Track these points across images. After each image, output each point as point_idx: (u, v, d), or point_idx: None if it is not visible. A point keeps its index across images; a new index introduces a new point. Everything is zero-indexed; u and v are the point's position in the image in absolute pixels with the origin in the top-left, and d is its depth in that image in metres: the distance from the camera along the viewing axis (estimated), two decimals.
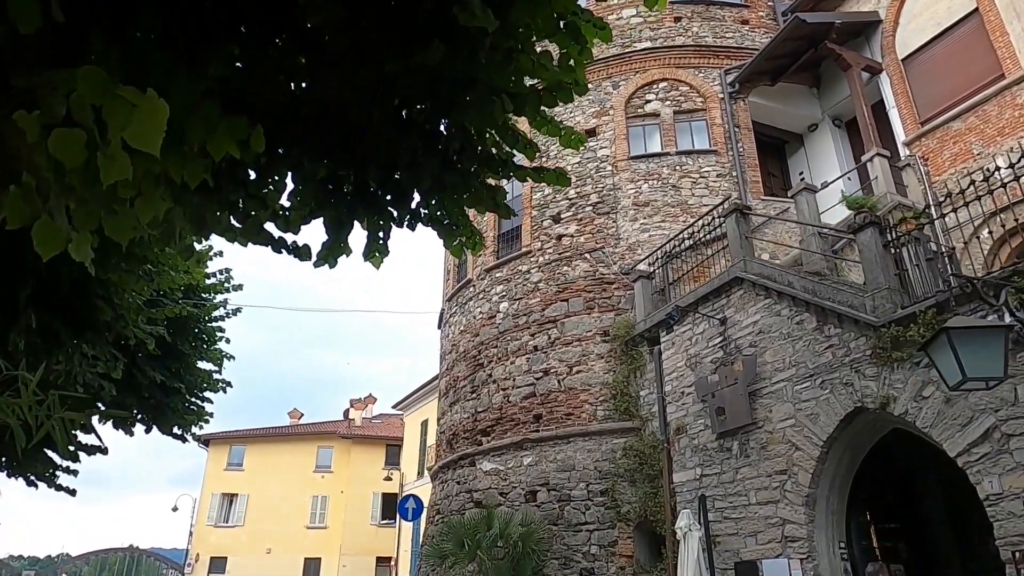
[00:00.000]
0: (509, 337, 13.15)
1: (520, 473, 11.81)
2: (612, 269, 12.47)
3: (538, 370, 12.37)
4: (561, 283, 12.79)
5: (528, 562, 10.29)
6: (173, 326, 9.21)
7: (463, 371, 14.14)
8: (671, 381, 10.37)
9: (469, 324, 14.40)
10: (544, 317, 12.73)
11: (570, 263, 12.87)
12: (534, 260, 13.41)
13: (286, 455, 40.24)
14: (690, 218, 12.34)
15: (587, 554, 10.39)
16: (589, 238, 12.90)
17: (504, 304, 13.57)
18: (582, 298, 12.44)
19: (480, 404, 13.23)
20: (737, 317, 9.24)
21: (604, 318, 12.13)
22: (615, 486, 10.69)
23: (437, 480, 14.38)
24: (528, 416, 12.18)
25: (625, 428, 11.09)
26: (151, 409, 9.84)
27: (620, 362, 11.63)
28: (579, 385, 11.80)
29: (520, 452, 11.98)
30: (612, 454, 11.00)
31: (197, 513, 38.69)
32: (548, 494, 11.24)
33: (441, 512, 13.35)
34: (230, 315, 10.72)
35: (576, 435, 11.41)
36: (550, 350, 12.37)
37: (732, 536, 8.61)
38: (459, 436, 13.71)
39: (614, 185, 13.15)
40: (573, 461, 11.26)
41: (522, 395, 12.42)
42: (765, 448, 8.34)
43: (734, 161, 12.92)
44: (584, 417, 11.54)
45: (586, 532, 10.57)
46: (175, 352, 9.86)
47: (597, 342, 11.99)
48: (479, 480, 12.49)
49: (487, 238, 14.67)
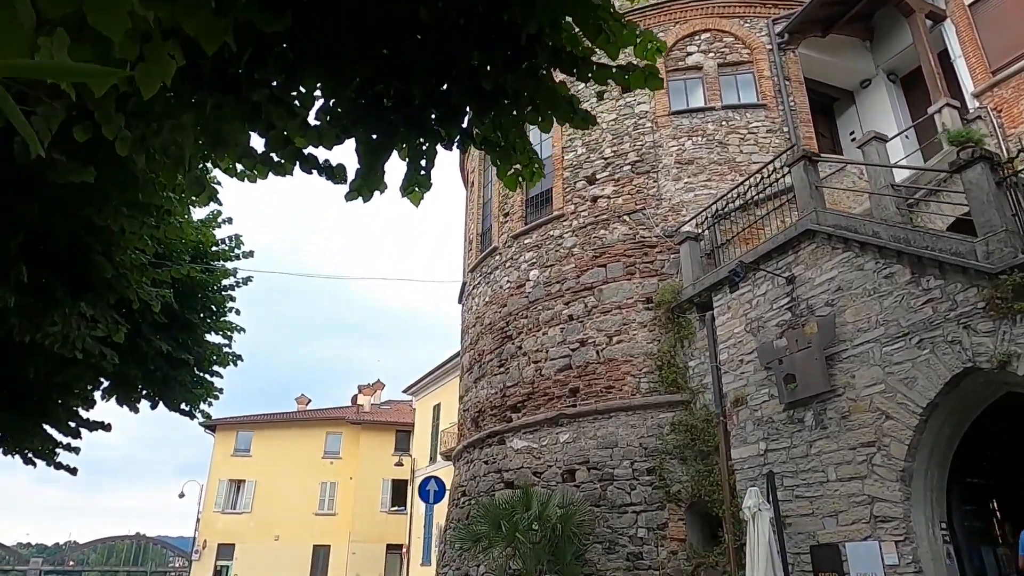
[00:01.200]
0: (540, 306, 12.22)
1: (556, 451, 10.90)
2: (654, 232, 11.51)
3: (574, 341, 11.44)
4: (598, 248, 11.83)
5: (568, 546, 9.41)
6: (180, 294, 8.39)
7: (489, 344, 13.22)
8: (727, 349, 9.42)
9: (495, 294, 13.46)
10: (579, 284, 11.78)
11: (607, 226, 11.90)
12: (567, 224, 12.45)
13: (294, 441, 39.50)
14: (738, 176, 11.37)
15: (634, 538, 9.50)
16: (628, 199, 11.92)
17: (534, 272, 12.63)
18: (621, 263, 11.49)
19: (509, 378, 12.31)
20: (808, 275, 8.28)
21: (646, 284, 11.18)
22: (663, 464, 9.78)
23: (462, 460, 13.50)
24: (563, 390, 11.26)
25: (672, 401, 10.16)
26: (157, 383, 9.01)
27: (665, 331, 10.69)
28: (620, 356, 10.87)
29: (555, 428, 11.07)
30: (659, 429, 10.08)
31: (204, 499, 38.03)
32: (588, 473, 10.34)
33: (468, 494, 12.48)
34: (240, 284, 9.83)
35: (618, 409, 10.49)
36: (587, 319, 11.43)
37: (806, 517, 7.69)
38: (486, 413, 12.81)
39: (654, 143, 12.16)
40: (615, 437, 10.35)
41: (556, 368, 11.50)
42: (847, 418, 7.40)
43: (785, 116, 11.91)
44: (626, 390, 10.62)
45: (632, 514, 9.67)
46: (182, 321, 9.04)
47: (639, 310, 11.04)
48: (510, 459, 11.60)
49: (514, 202, 13.73)
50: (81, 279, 6.57)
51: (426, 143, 3.74)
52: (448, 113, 3.58)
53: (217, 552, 36.79)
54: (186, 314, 9.07)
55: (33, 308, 6.07)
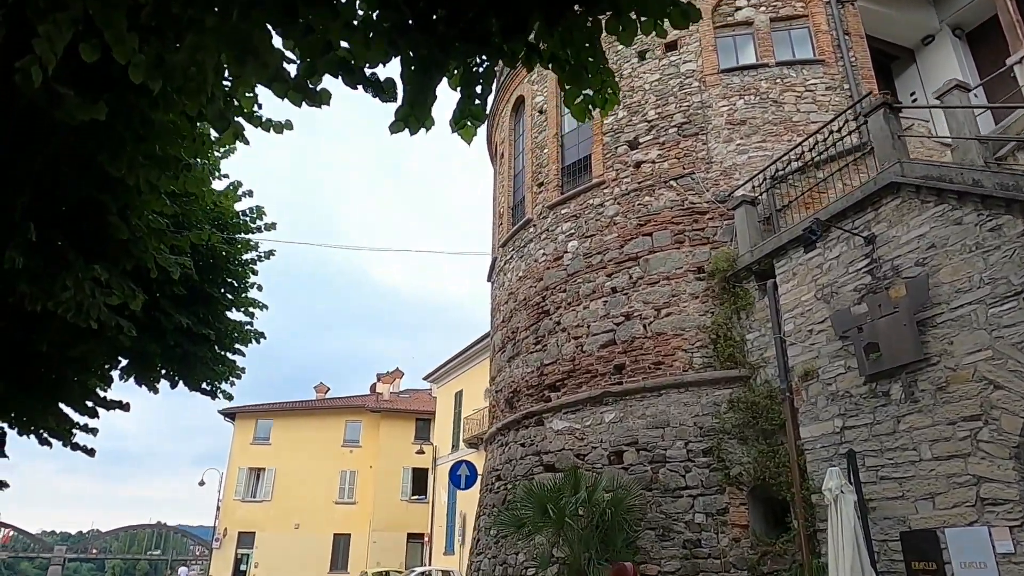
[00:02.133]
0: (580, 279, 11.46)
1: (601, 431, 10.17)
2: (704, 197, 10.69)
3: (618, 314, 10.67)
4: (642, 215, 11.04)
5: (618, 532, 8.69)
6: (200, 267, 7.79)
7: (524, 321, 12.49)
8: (792, 319, 8.62)
9: (530, 268, 12.72)
10: (623, 255, 11.00)
11: (652, 192, 11.10)
12: (608, 192, 11.66)
13: (313, 429, 39.17)
14: (796, 137, 10.51)
15: (690, 523, 8.75)
16: (675, 163, 11.11)
17: (573, 243, 11.86)
18: (669, 231, 10.69)
19: (547, 356, 11.58)
20: (892, 233, 7.44)
21: (697, 252, 10.38)
22: (721, 444, 9.01)
23: (495, 443, 12.81)
24: (608, 367, 10.51)
25: (729, 377, 9.38)
26: (177, 360, 8.39)
27: (719, 302, 9.89)
28: (670, 330, 10.09)
29: (600, 408, 10.34)
30: (715, 407, 9.31)
31: (224, 488, 37.83)
32: (637, 455, 9.59)
33: (503, 478, 11.79)
34: (262, 258, 9.16)
35: (669, 387, 9.73)
36: (632, 291, 10.66)
37: (895, 500, 6.90)
38: (521, 393, 12.10)
39: (702, 103, 11.32)
40: (666, 416, 9.59)
41: (599, 343, 10.75)
42: (944, 389, 6.59)
43: (845, 72, 11.01)
44: (677, 366, 9.85)
45: (688, 498, 8.92)
46: (203, 296, 8.42)
47: (690, 280, 10.25)
48: (549, 441, 10.89)
49: (549, 170, 12.96)
50: (94, 243, 6.01)
51: (484, 63, 3.12)
52: (511, 23, 2.94)
53: (238, 540, 36.59)
54: (206, 288, 8.51)
55: (43, 272, 5.55)
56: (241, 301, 9.01)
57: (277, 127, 5.31)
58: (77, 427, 8.54)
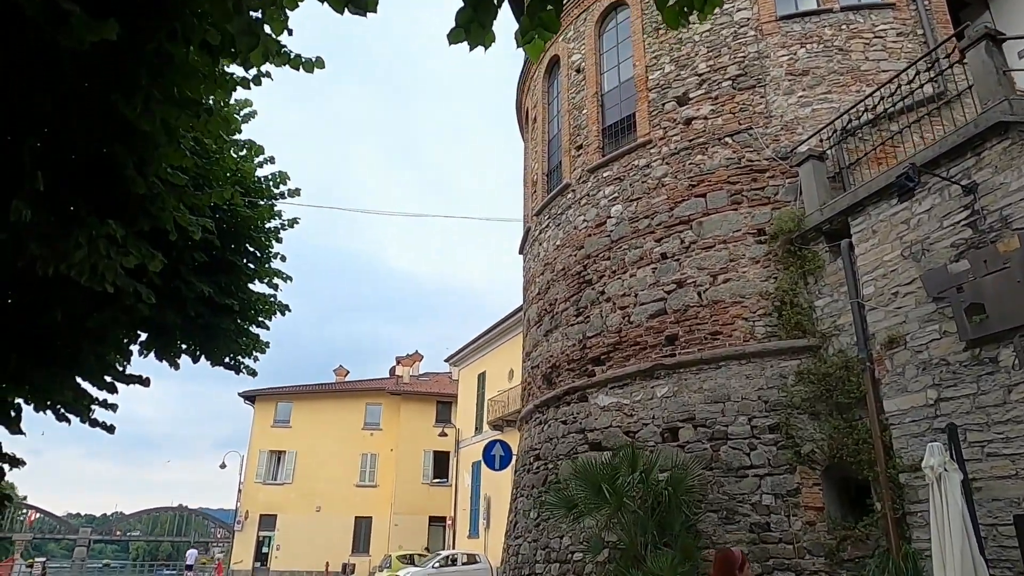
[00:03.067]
0: (626, 245, 10.66)
1: (652, 407, 9.42)
2: (764, 154, 9.82)
3: (669, 282, 9.88)
4: (694, 175, 10.20)
5: (677, 515, 7.97)
6: (222, 233, 7.16)
7: (563, 292, 11.74)
8: (873, 281, 7.79)
9: (569, 236, 11.94)
10: (673, 218, 10.19)
11: (705, 151, 10.25)
12: (655, 151, 10.83)
13: (334, 412, 38.86)
14: (865, 87, 9.62)
15: (757, 505, 8.01)
16: (730, 119, 10.24)
17: (616, 207, 11.06)
18: (724, 191, 9.85)
19: (590, 328, 10.83)
20: (998, 180, 6.57)
21: (757, 214, 9.54)
22: (789, 420, 8.23)
23: (532, 422, 12.12)
24: (658, 338, 9.74)
25: (797, 347, 8.58)
26: (198, 332, 7.77)
27: (783, 266, 9.07)
28: (728, 297, 9.29)
29: (650, 381, 9.58)
30: (781, 380, 8.52)
31: (245, 470, 37.68)
32: (695, 431, 8.84)
33: (543, 458, 11.10)
34: (286, 226, 8.48)
35: (728, 358, 8.95)
36: (684, 257, 9.86)
37: (1006, 480, 6.10)
38: (560, 368, 11.38)
39: (759, 53, 10.41)
40: (726, 390, 8.82)
41: (648, 313, 9.97)
42: None
43: (919, 16, 10.05)
44: (737, 336, 9.06)
45: (754, 478, 8.17)
46: (224, 264, 7.79)
47: (749, 243, 9.43)
48: (594, 417, 10.16)
49: (589, 132, 12.13)
50: (108, 198, 5.34)
51: None
52: None
53: (259, 523, 36.47)
54: (228, 256, 7.86)
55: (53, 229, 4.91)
56: (265, 271, 8.38)
57: (307, 65, 4.59)
58: (96, 402, 7.95)
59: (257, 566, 36.01)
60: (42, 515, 67.89)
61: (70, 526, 73.22)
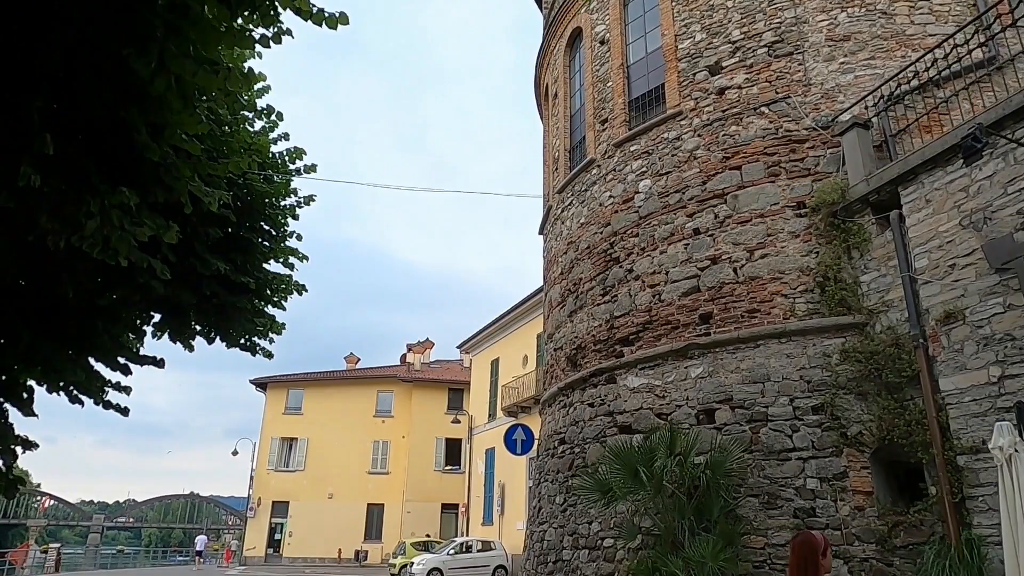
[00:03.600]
0: (656, 221, 10.24)
1: (686, 388, 9.04)
2: (803, 123, 9.36)
3: (702, 258, 9.46)
4: (728, 147, 9.75)
5: (715, 500, 7.61)
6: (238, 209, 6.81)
7: (588, 271, 11.34)
8: (927, 253, 7.35)
9: (594, 213, 11.52)
10: (706, 192, 9.76)
11: (740, 121, 9.79)
12: (686, 123, 10.37)
13: (345, 400, 38.71)
14: (911, 52, 9.14)
15: (801, 490, 7.62)
16: (765, 87, 9.76)
17: (645, 182, 10.63)
18: (761, 163, 9.40)
19: (617, 307, 10.44)
20: None
21: (796, 186, 9.09)
22: (835, 400, 7.83)
23: (556, 405, 11.76)
24: (691, 317, 9.34)
25: (841, 325, 8.16)
26: (214, 312, 7.38)
27: (825, 240, 8.63)
28: (765, 273, 8.87)
29: (684, 362, 9.19)
30: (824, 359, 8.11)
31: (257, 457, 37.64)
32: (732, 413, 8.46)
33: (568, 441, 10.75)
34: (302, 203, 8.10)
35: (767, 336, 8.54)
36: (718, 232, 9.43)
37: None
38: (587, 349, 11.00)
39: (796, 18, 9.91)
40: (766, 370, 8.42)
41: (680, 291, 9.56)
42: None
43: None
44: (776, 313, 8.65)
45: (797, 461, 7.78)
46: (240, 242, 7.40)
47: (788, 217, 8.99)
48: (623, 399, 9.79)
49: (615, 105, 11.68)
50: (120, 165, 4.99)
51: None
52: None
53: (272, 510, 36.45)
54: (244, 233, 7.50)
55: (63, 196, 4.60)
56: (281, 249, 8.04)
57: (331, 21, 4.22)
58: (109, 385, 7.67)
59: (270, 552, 36.03)
60: (56, 502, 68.45)
61: (83, 513, 73.84)
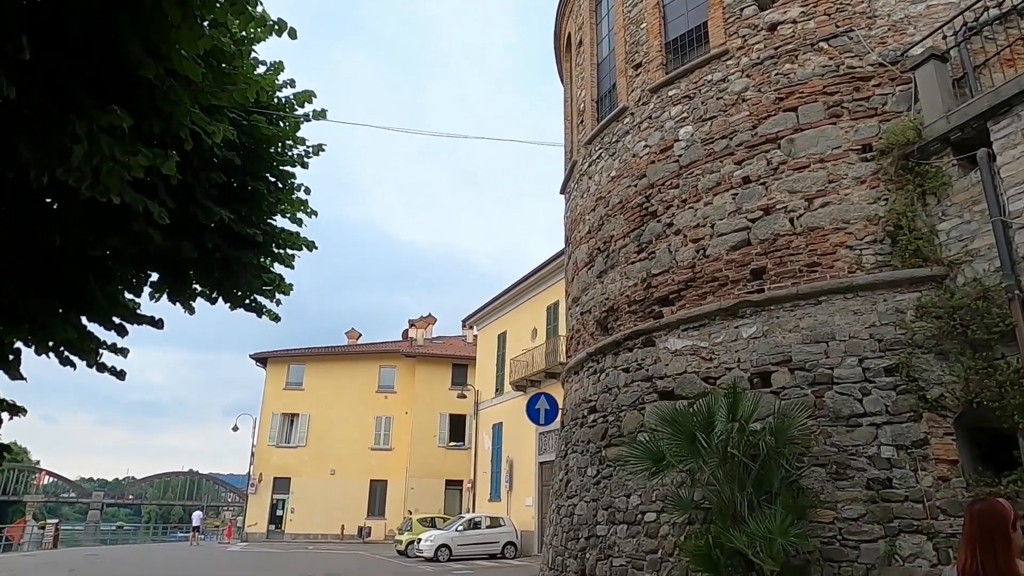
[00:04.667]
0: (698, 171, 9.38)
1: (737, 349, 8.25)
2: (868, 59, 8.46)
3: (754, 208, 8.63)
4: (783, 87, 8.85)
5: (775, 470, 6.85)
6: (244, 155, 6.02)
7: (620, 227, 10.49)
8: (1022, 196, 6.52)
9: (627, 165, 10.65)
10: (757, 136, 8.88)
11: (795, 59, 8.89)
12: (733, 63, 9.46)
13: (347, 375, 38.05)
14: None
15: (875, 458, 6.86)
16: (824, 21, 8.85)
17: (686, 129, 9.74)
18: (820, 103, 8.52)
19: (655, 264, 9.61)
20: None
21: (861, 127, 8.23)
22: (911, 361, 7.04)
23: (584, 372, 10.99)
24: (742, 272, 8.53)
25: (916, 278, 7.35)
26: (217, 267, 6.59)
27: (896, 185, 7.79)
28: (827, 223, 8.04)
29: (734, 321, 8.40)
30: (897, 316, 7.31)
31: (258, 433, 37.06)
32: (791, 375, 7.68)
33: (600, 409, 9.99)
34: (310, 153, 7.27)
35: (831, 292, 7.73)
36: (771, 180, 8.58)
37: None
38: (620, 311, 10.19)
39: None
40: (830, 328, 7.63)
41: (728, 245, 8.74)
42: None
43: None
44: (840, 266, 7.83)
45: (869, 427, 7.02)
46: (244, 191, 6.61)
47: (852, 161, 8.14)
48: (664, 363, 9.01)
49: (650, 48, 10.74)
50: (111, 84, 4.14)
51: None
52: None
53: (273, 486, 35.94)
54: (249, 182, 6.69)
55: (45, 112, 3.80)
56: (289, 201, 7.20)
57: None
58: (103, 346, 6.84)
59: (272, 528, 35.58)
60: (54, 479, 68.10)
61: (83, 490, 73.62)
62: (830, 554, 6.64)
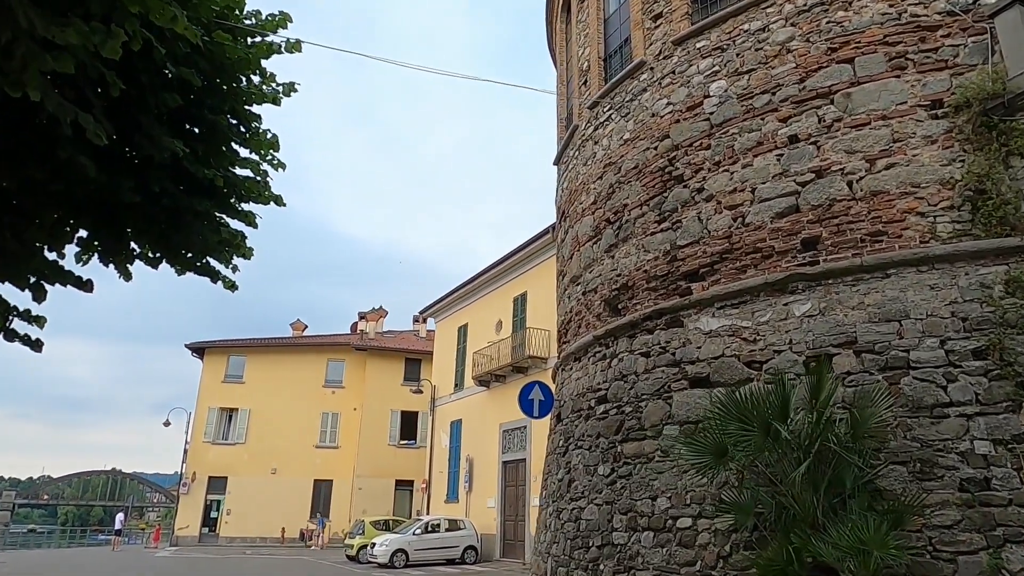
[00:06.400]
0: (734, 129, 8.27)
1: (788, 329, 7.14)
2: (935, 6, 7.52)
3: (804, 171, 7.55)
4: (835, 36, 7.83)
5: (847, 467, 5.75)
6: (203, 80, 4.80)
7: (637, 194, 9.29)
8: None
9: (644, 126, 9.46)
10: (805, 91, 7.82)
11: (849, 5, 7.87)
12: (774, 10, 8.39)
13: (292, 368, 35.80)
14: None
15: (968, 455, 5.84)
16: None
17: (718, 83, 8.62)
18: (880, 54, 7.52)
19: (681, 235, 8.45)
20: None
21: (929, 81, 7.26)
22: (1003, 342, 6.07)
23: (589, 358, 9.73)
24: (790, 242, 7.44)
25: (1004, 248, 6.39)
26: (162, 217, 5.11)
27: (974, 146, 6.84)
28: (893, 187, 7.02)
29: (783, 297, 7.29)
30: (984, 291, 6.34)
31: (192, 429, 34.35)
32: (857, 359, 6.61)
33: (613, 399, 8.74)
34: (280, 94, 5.86)
35: (901, 264, 6.71)
36: (824, 139, 7.53)
37: None
38: (635, 288, 8.99)
39: None
40: (902, 305, 6.59)
41: (773, 211, 7.64)
42: None
43: None
44: (910, 235, 6.82)
45: (959, 418, 5.99)
46: (203, 122, 5.15)
47: (921, 118, 7.15)
48: (695, 346, 7.83)
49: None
50: None
51: None
52: None
53: (208, 485, 33.35)
54: (208, 112, 5.29)
55: None
56: (256, 140, 5.79)
57: None
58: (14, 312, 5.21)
59: (205, 532, 33.01)
60: None
61: None
62: (922, 568, 5.57)
